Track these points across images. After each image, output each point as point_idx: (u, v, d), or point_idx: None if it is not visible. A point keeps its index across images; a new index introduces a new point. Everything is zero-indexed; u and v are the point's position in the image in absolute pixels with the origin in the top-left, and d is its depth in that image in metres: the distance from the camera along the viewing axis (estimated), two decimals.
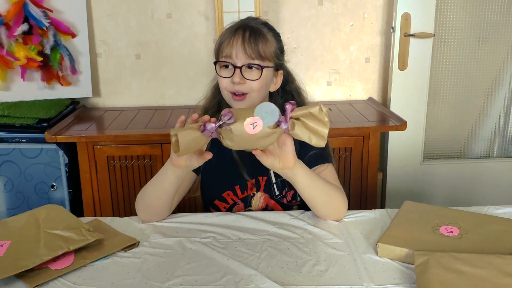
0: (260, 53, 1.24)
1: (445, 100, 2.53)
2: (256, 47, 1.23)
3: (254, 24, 1.28)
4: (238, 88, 1.25)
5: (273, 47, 1.28)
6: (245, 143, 1.05)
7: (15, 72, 2.27)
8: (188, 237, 1.16)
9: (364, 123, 2.15)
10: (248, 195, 1.36)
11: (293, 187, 1.27)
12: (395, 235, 1.09)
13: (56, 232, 1.09)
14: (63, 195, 2.15)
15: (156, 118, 2.29)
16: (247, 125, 1.02)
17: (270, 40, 1.28)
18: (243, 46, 1.23)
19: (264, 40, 1.26)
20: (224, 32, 1.29)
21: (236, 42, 1.23)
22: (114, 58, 2.46)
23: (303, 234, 1.16)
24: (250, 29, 1.25)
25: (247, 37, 1.23)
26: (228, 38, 1.25)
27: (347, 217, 1.24)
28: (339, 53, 2.52)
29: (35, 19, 2.18)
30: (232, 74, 1.25)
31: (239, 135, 1.03)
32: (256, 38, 1.24)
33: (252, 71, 1.25)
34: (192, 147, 1.06)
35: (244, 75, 1.25)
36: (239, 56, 1.23)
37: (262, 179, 1.35)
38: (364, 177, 2.18)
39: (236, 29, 1.25)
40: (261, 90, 1.28)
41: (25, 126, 2.09)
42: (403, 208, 1.23)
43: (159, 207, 1.25)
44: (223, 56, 1.26)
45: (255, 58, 1.23)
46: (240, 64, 1.24)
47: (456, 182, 2.59)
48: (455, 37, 2.43)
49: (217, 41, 1.30)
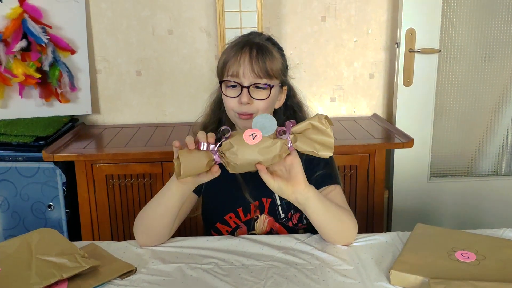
0: (268, 72, 1.19)
1: (451, 116, 2.48)
2: (264, 65, 1.19)
3: (260, 40, 1.23)
4: (245, 110, 1.21)
5: (279, 63, 1.24)
6: (248, 155, 1.01)
7: (13, 89, 2.23)
8: (189, 263, 1.10)
9: (369, 140, 2.10)
10: (252, 218, 1.30)
11: (298, 209, 1.21)
12: (408, 261, 1.03)
13: (49, 258, 1.03)
14: (60, 215, 2.08)
15: (157, 136, 2.24)
16: (246, 136, 1.00)
17: (276, 57, 1.24)
18: (250, 65, 1.18)
19: (271, 57, 1.21)
20: (228, 49, 1.24)
21: (243, 61, 1.18)
22: (114, 75, 2.42)
23: (311, 260, 1.10)
24: (257, 46, 1.21)
25: (255, 55, 1.18)
26: (234, 56, 1.20)
27: (357, 241, 1.18)
28: (342, 69, 2.48)
29: (34, 36, 2.15)
30: (239, 93, 1.20)
31: (240, 147, 1.00)
32: (264, 56, 1.20)
33: (260, 91, 1.21)
34: (194, 168, 1.01)
35: (252, 94, 1.20)
36: (247, 75, 1.18)
37: (266, 201, 1.29)
38: (370, 195, 2.12)
39: (242, 47, 1.20)
40: (268, 109, 1.24)
41: (22, 145, 2.04)
42: (415, 232, 1.17)
43: (160, 229, 1.19)
44: (229, 74, 1.20)
45: (263, 77, 1.19)
46: (247, 84, 1.19)
47: (463, 200, 2.53)
48: (461, 53, 2.39)
49: (220, 59, 1.25)
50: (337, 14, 2.41)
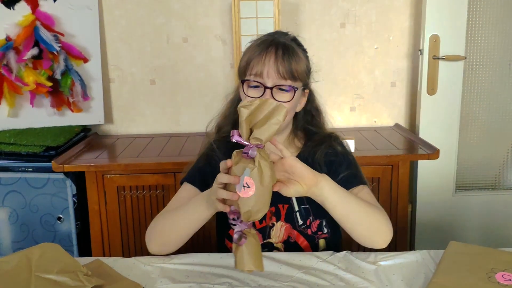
0: (293, 73, 1.14)
1: (477, 126, 2.36)
2: (289, 66, 1.13)
3: (286, 41, 1.17)
4: None
5: (304, 65, 1.18)
6: (260, 198, 0.94)
7: (23, 98, 2.18)
8: (200, 283, 1.01)
9: (392, 151, 1.99)
10: (267, 225, 1.21)
11: (318, 216, 1.18)
12: (444, 284, 0.93)
13: (49, 276, 0.95)
14: (70, 227, 2.02)
15: (170, 146, 2.16)
16: (243, 193, 0.93)
17: (302, 58, 1.18)
18: (276, 65, 1.12)
19: (297, 58, 1.15)
20: (252, 47, 1.17)
21: (268, 60, 1.12)
22: (128, 84, 2.37)
23: (334, 281, 1.00)
24: (283, 46, 1.15)
25: (280, 55, 1.13)
26: (259, 55, 1.14)
27: (384, 260, 1.08)
28: (363, 77, 2.38)
29: (46, 43, 2.10)
30: (261, 94, 1.13)
31: (249, 204, 0.93)
32: (290, 57, 1.14)
33: (283, 93, 1.14)
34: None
35: (275, 96, 1.13)
36: (271, 75, 1.13)
37: (283, 207, 1.21)
38: (393, 209, 2.01)
39: (268, 46, 1.14)
40: (290, 112, 1.18)
41: (31, 155, 1.99)
42: (449, 250, 1.06)
43: (179, 241, 1.14)
44: (253, 74, 1.14)
45: (287, 78, 1.13)
46: (271, 85, 1.13)
47: (491, 214, 2.41)
48: (487, 59, 2.28)
49: (243, 57, 1.18)
50: (357, 21, 2.33)
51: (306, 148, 1.25)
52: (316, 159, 1.21)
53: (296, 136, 1.28)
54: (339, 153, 1.24)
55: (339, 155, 1.24)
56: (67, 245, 2.03)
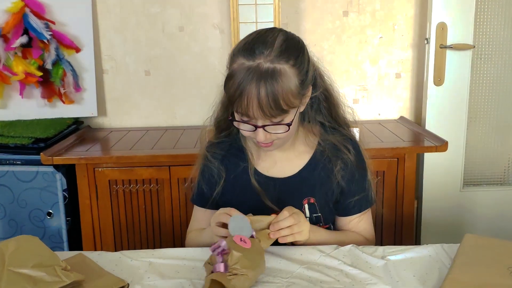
0: (283, 108, 0.98)
1: (486, 119, 2.27)
2: (276, 104, 0.97)
3: (270, 63, 0.98)
4: (264, 142, 1.05)
5: (295, 84, 1.00)
6: (257, 255, 0.92)
7: (13, 88, 2.10)
8: (191, 279, 0.92)
9: (398, 143, 1.90)
10: None
11: (327, 222, 1.14)
12: (461, 280, 0.83)
13: (23, 271, 0.85)
14: (60, 223, 1.92)
15: (165, 139, 2.07)
16: (239, 242, 0.90)
17: (291, 78, 0.99)
18: (260, 108, 0.97)
19: (284, 86, 0.98)
20: (233, 75, 0.99)
21: (251, 102, 0.97)
22: (122, 75, 2.28)
23: (339, 277, 0.91)
24: (265, 77, 0.96)
25: (263, 94, 0.96)
26: (240, 94, 0.97)
27: (393, 255, 0.99)
28: (366, 68, 2.29)
29: (36, 31, 2.01)
30: (254, 130, 1.02)
31: (243, 254, 0.88)
32: (274, 91, 0.96)
33: (276, 127, 1.02)
34: None
35: (269, 131, 1.02)
36: (258, 117, 0.99)
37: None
38: (399, 205, 1.92)
39: (250, 80, 0.96)
40: (290, 134, 1.07)
41: (19, 147, 1.90)
42: (465, 244, 0.97)
43: None
44: (239, 112, 1.01)
45: (276, 115, 0.99)
46: (261, 124, 1.01)
47: (499, 211, 2.31)
48: (497, 49, 2.19)
49: (226, 85, 1.01)
50: (360, 9, 2.23)
51: (321, 151, 1.15)
52: (333, 175, 1.14)
53: (309, 132, 1.17)
54: (354, 171, 1.14)
55: (355, 174, 1.15)
56: (57, 241, 1.94)
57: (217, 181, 1.16)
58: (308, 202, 1.13)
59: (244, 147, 1.16)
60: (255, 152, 1.16)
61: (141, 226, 1.92)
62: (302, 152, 1.15)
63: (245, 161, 1.15)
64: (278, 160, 1.15)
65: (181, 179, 1.86)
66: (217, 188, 1.16)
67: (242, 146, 1.17)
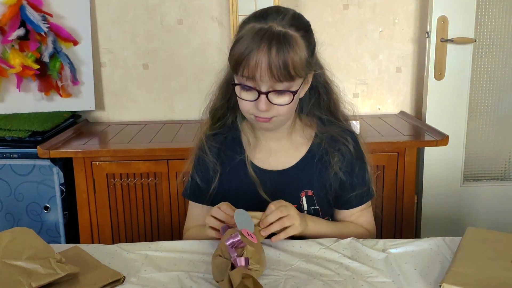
0: (290, 73, 0.97)
1: (487, 114, 2.25)
2: (285, 66, 0.95)
3: (282, 28, 0.98)
4: (264, 115, 1.01)
5: (304, 55, 0.99)
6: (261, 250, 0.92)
7: (9, 82, 2.07)
8: (189, 272, 0.90)
9: (398, 137, 1.88)
10: None
11: (326, 214, 1.13)
12: (464, 273, 0.82)
13: (17, 263, 0.84)
14: (57, 217, 1.91)
15: (163, 133, 2.05)
16: (247, 237, 0.89)
17: (301, 47, 0.99)
18: (269, 68, 0.95)
19: (294, 52, 0.97)
20: (243, 37, 0.98)
21: (260, 62, 0.95)
22: (120, 68, 2.25)
23: (339, 270, 0.89)
24: (277, 38, 0.96)
25: (274, 54, 0.95)
26: (250, 54, 0.96)
27: (394, 248, 0.97)
28: (366, 62, 2.27)
29: (33, 24, 1.99)
30: (256, 98, 0.99)
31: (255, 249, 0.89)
32: (285, 53, 0.95)
33: (280, 96, 1.00)
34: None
35: (272, 100, 0.99)
36: (265, 79, 0.97)
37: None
38: (399, 200, 1.90)
39: (260, 40, 0.96)
40: (291, 110, 1.04)
41: (16, 140, 1.88)
42: (467, 237, 0.96)
43: None
44: (245, 76, 0.98)
45: (284, 80, 0.97)
46: (265, 89, 0.98)
47: (499, 206, 2.30)
48: (498, 43, 2.17)
49: (234, 48, 0.99)
50: (360, 2, 2.21)
51: (318, 143, 1.13)
52: (331, 167, 1.12)
53: (306, 125, 1.15)
54: (354, 165, 1.13)
55: (354, 167, 1.13)
56: (54, 236, 1.92)
57: (213, 176, 1.14)
58: (306, 195, 1.11)
59: (240, 137, 1.14)
60: (251, 140, 1.14)
61: (139, 220, 1.90)
62: (299, 144, 1.14)
63: (241, 154, 1.13)
64: (273, 152, 1.13)
65: (179, 173, 1.84)
66: (213, 184, 1.14)
67: (238, 136, 1.15)
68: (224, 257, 0.86)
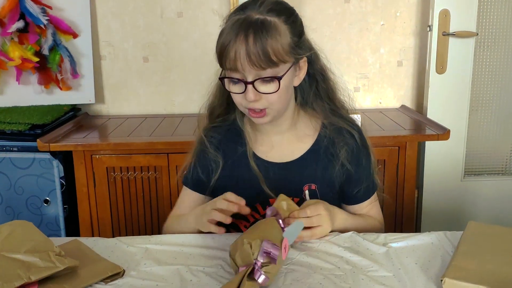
0: (271, 59, 0.96)
1: (488, 108, 2.24)
2: (264, 54, 0.95)
3: (260, 15, 0.97)
4: (256, 105, 1.00)
5: (286, 40, 0.98)
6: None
7: (9, 74, 2.07)
8: (189, 266, 0.90)
9: (399, 131, 1.88)
10: None
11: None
12: (465, 267, 0.81)
13: (16, 256, 0.83)
14: (57, 211, 1.91)
15: (163, 126, 2.05)
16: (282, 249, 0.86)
17: (282, 33, 0.98)
18: (248, 57, 0.94)
19: (272, 37, 0.96)
20: (223, 31, 0.99)
21: (239, 52, 0.94)
22: (120, 61, 2.24)
23: (339, 264, 0.89)
24: (254, 27, 0.95)
25: (251, 43, 0.94)
26: (228, 44, 0.96)
27: (395, 242, 0.97)
28: (367, 55, 2.26)
29: (32, 16, 1.98)
30: (244, 90, 0.98)
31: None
32: (263, 40, 0.95)
33: (267, 84, 0.99)
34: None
35: (259, 89, 0.98)
36: (247, 68, 0.96)
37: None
38: (399, 194, 1.90)
39: (237, 31, 0.95)
40: (282, 98, 1.02)
41: (16, 133, 1.87)
42: (468, 231, 0.95)
43: None
44: (228, 68, 0.98)
45: (266, 67, 0.96)
46: (251, 79, 0.97)
47: (500, 201, 2.30)
48: (500, 36, 2.16)
49: (217, 43, 1.00)
50: None
51: (323, 135, 1.12)
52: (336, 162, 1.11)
53: (313, 116, 1.13)
54: (360, 159, 1.12)
55: (360, 162, 1.13)
56: (54, 229, 1.92)
57: (214, 168, 1.13)
58: (309, 189, 1.10)
59: (242, 130, 1.14)
60: (253, 135, 1.13)
61: (139, 214, 1.90)
62: (304, 136, 1.12)
63: (243, 146, 1.12)
64: (275, 145, 1.12)
65: (179, 166, 1.83)
66: (214, 176, 1.13)
67: (240, 129, 1.14)
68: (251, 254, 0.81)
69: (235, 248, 0.83)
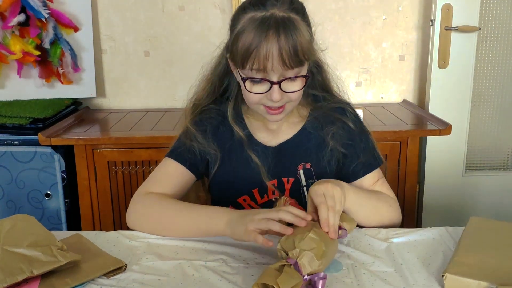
0: (301, 58, 0.95)
1: (490, 103, 2.24)
2: (295, 52, 0.93)
3: (284, 13, 0.95)
4: (277, 104, 1.00)
5: (308, 37, 0.97)
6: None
7: (10, 68, 2.06)
8: (191, 260, 0.90)
9: (401, 126, 1.87)
10: (270, 199, 1.10)
11: None
12: (467, 263, 0.81)
13: (19, 250, 0.83)
14: (58, 205, 1.91)
15: (165, 120, 2.05)
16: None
17: (304, 29, 0.96)
18: (280, 57, 0.93)
19: (301, 35, 0.94)
20: (245, 29, 0.94)
21: (271, 51, 0.92)
22: (121, 55, 2.24)
23: (341, 259, 0.89)
24: (283, 24, 0.93)
25: (283, 42, 0.92)
26: (258, 44, 0.93)
27: (396, 237, 0.97)
28: (370, 50, 2.25)
29: (33, 9, 1.97)
30: (268, 89, 0.97)
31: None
32: (294, 38, 0.93)
33: (292, 82, 0.98)
34: None
35: (284, 88, 0.97)
36: (277, 69, 0.95)
37: (287, 180, 1.09)
38: (400, 189, 1.90)
39: (267, 28, 0.93)
40: (301, 96, 1.02)
41: (17, 127, 1.87)
42: (470, 226, 0.95)
43: (164, 232, 1.00)
44: (254, 68, 0.95)
45: (294, 66, 0.95)
46: (277, 79, 0.96)
47: (501, 196, 2.30)
48: (502, 31, 2.15)
49: (236, 43, 0.96)
50: None
51: (312, 119, 1.12)
52: (328, 140, 1.09)
53: (300, 105, 1.12)
54: (354, 134, 1.11)
55: (355, 136, 1.11)
56: (55, 223, 1.93)
57: (213, 156, 1.10)
58: (303, 168, 1.09)
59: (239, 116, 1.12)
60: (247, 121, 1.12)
61: None
62: (293, 123, 1.12)
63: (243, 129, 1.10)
64: (268, 129, 1.12)
65: None
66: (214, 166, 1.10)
67: (235, 115, 1.11)
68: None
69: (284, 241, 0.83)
